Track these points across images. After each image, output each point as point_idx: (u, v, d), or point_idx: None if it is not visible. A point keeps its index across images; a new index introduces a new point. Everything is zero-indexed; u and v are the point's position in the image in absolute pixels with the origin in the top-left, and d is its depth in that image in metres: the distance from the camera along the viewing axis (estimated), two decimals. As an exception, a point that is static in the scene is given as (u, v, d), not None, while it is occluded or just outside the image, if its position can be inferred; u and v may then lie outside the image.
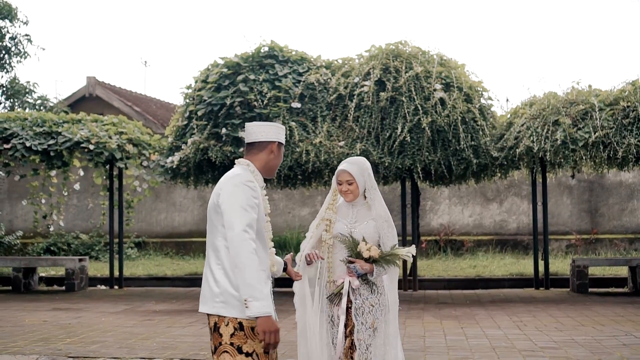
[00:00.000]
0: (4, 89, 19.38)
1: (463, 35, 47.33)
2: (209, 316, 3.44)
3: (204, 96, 10.78)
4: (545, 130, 10.32)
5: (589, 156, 10.40)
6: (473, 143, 10.51)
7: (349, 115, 10.54)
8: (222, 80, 10.82)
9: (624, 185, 16.59)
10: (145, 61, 37.06)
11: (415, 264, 12.03)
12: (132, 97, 22.71)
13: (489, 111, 11.15)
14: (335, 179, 4.35)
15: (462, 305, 10.03)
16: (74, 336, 7.75)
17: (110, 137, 12.06)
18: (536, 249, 11.95)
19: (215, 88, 10.83)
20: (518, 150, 10.42)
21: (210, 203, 3.49)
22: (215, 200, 3.44)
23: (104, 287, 13.10)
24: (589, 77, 47.45)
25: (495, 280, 12.64)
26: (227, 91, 10.67)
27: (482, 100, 11.08)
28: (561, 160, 10.48)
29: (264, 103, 10.56)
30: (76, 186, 13.60)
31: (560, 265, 13.72)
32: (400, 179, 11.77)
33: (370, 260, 4.22)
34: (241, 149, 10.39)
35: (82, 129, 12.03)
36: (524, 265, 13.81)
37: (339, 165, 4.35)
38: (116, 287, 12.84)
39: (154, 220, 17.93)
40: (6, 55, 19.38)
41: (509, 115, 11.37)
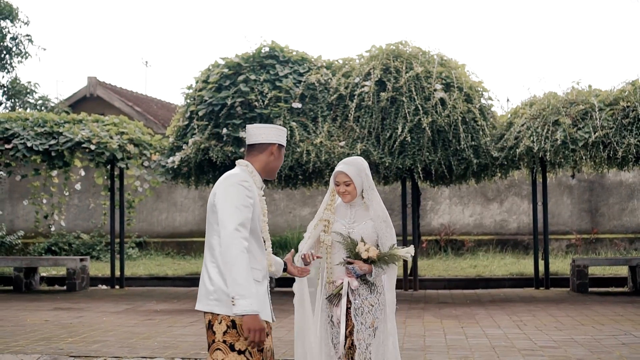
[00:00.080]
0: (5, 89, 19.40)
1: (463, 36, 47.35)
2: (204, 314, 3.48)
3: (205, 96, 10.81)
4: (546, 130, 10.34)
5: (589, 156, 10.42)
6: (473, 143, 10.53)
7: (349, 115, 10.56)
8: (223, 80, 10.84)
9: (624, 185, 16.61)
10: (146, 61, 37.09)
11: (415, 263, 12.05)
12: (133, 97, 22.72)
13: (489, 111, 11.16)
14: (332, 179, 4.34)
15: (463, 305, 10.05)
16: (75, 336, 7.77)
17: (111, 137, 12.08)
18: (536, 249, 11.97)
19: (216, 88, 10.86)
20: (518, 150, 10.44)
21: (208, 203, 3.54)
22: (212, 199, 3.50)
23: (105, 287, 13.12)
24: (589, 77, 47.48)
25: (495, 280, 12.67)
26: (228, 91, 10.69)
27: (483, 100, 11.09)
28: (561, 160, 10.50)
29: (265, 103, 10.58)
30: (77, 186, 13.63)
31: (561, 265, 13.75)
32: (401, 179, 11.80)
33: (368, 261, 4.22)
34: (242, 149, 10.42)
35: (83, 129, 12.06)
36: (524, 265, 13.84)
37: (336, 167, 4.35)
38: (117, 287, 12.86)
39: (155, 220, 17.96)
40: (7, 56, 19.41)
41: (509, 115, 11.38)
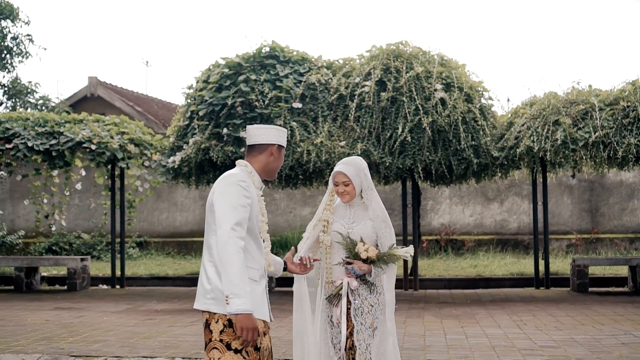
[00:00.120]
0: (6, 89, 19.42)
1: (464, 36, 47.35)
2: (202, 312, 3.50)
3: (205, 96, 10.82)
4: (546, 130, 10.34)
5: (589, 156, 10.43)
6: (473, 143, 10.53)
7: (349, 115, 10.56)
8: (224, 80, 10.85)
9: (625, 185, 16.61)
10: (146, 61, 37.10)
11: (416, 263, 12.06)
12: (134, 97, 22.73)
13: (489, 111, 11.17)
14: (331, 180, 4.33)
15: (463, 305, 10.06)
16: (76, 335, 7.78)
17: (112, 137, 12.09)
18: (537, 249, 11.98)
19: (217, 88, 10.87)
20: (518, 150, 10.44)
21: (207, 202, 3.57)
22: (211, 199, 3.53)
23: (105, 287, 13.14)
24: (589, 77, 47.47)
25: (495, 280, 12.68)
26: (229, 91, 10.70)
27: (483, 100, 11.10)
28: (561, 160, 10.51)
29: (265, 103, 10.59)
30: (78, 186, 13.64)
31: (561, 265, 13.76)
32: (401, 179, 11.81)
33: (368, 261, 4.21)
34: (242, 149, 10.43)
35: (84, 129, 12.07)
36: (525, 265, 13.85)
37: (335, 167, 4.33)
38: (118, 287, 12.88)
39: (155, 220, 17.98)
40: (8, 55, 19.42)
41: (509, 115, 11.38)
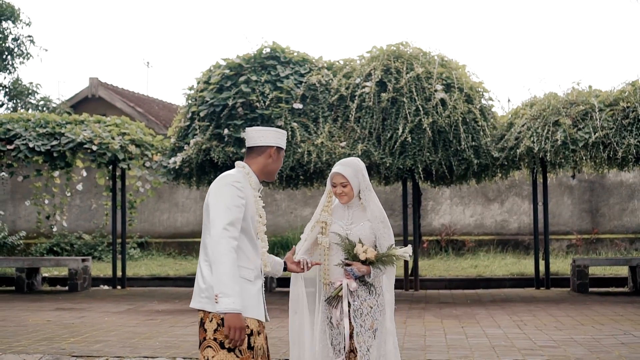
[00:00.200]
0: (7, 90, 19.45)
1: (464, 36, 47.36)
2: (197, 311, 3.55)
3: (206, 97, 10.84)
4: (546, 130, 10.36)
5: (589, 156, 10.45)
6: (474, 143, 10.55)
7: (350, 116, 10.58)
8: (224, 81, 10.87)
9: (625, 185, 16.63)
10: (147, 62, 37.01)
11: (416, 263, 12.07)
12: (135, 98, 22.75)
13: (489, 112, 11.19)
14: (329, 181, 4.30)
15: (463, 305, 10.07)
16: (77, 335, 7.80)
17: (113, 138, 12.11)
18: (537, 249, 12.00)
19: (218, 89, 10.89)
20: (519, 150, 10.46)
21: (204, 203, 3.62)
22: (207, 200, 3.58)
23: (106, 287, 13.16)
24: (589, 78, 47.46)
25: (496, 280, 12.69)
26: (229, 92, 10.72)
27: (483, 100, 11.12)
28: (561, 160, 10.53)
29: (266, 104, 10.61)
30: (79, 187, 13.67)
31: (561, 265, 13.77)
32: (402, 180, 11.83)
33: (366, 262, 4.19)
34: (243, 150, 10.45)
35: (85, 130, 12.09)
36: (525, 265, 13.86)
37: (333, 168, 4.31)
38: (119, 287, 12.90)
39: (156, 220, 18.00)
40: (9, 57, 19.46)
41: (509, 116, 11.40)
